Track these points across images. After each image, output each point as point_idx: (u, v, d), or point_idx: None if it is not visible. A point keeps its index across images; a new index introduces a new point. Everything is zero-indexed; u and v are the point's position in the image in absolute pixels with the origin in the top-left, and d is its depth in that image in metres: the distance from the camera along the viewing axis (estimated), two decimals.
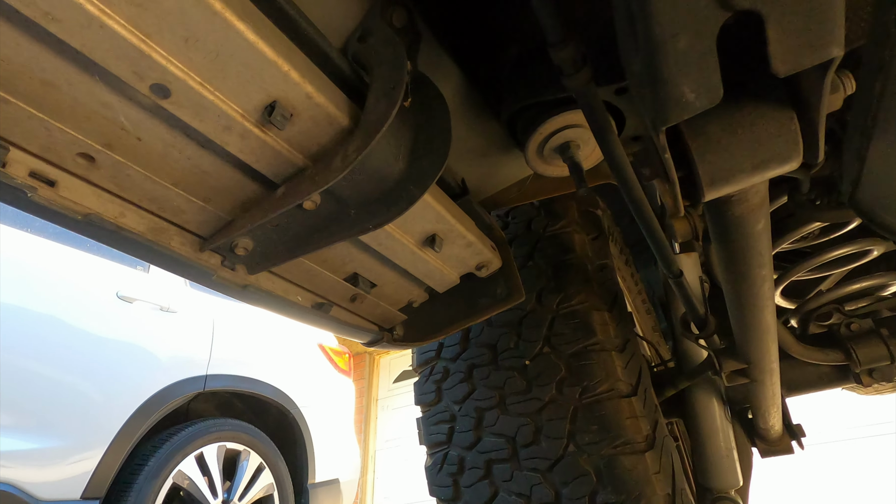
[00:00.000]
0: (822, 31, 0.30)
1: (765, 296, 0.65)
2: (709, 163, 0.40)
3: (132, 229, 0.51)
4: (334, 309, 0.72)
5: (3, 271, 2.17)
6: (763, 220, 0.51)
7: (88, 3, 0.35)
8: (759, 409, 1.07)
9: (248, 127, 0.46)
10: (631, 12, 0.34)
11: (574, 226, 1.07)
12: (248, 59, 0.42)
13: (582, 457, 0.87)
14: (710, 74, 0.33)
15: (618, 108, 0.67)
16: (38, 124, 0.42)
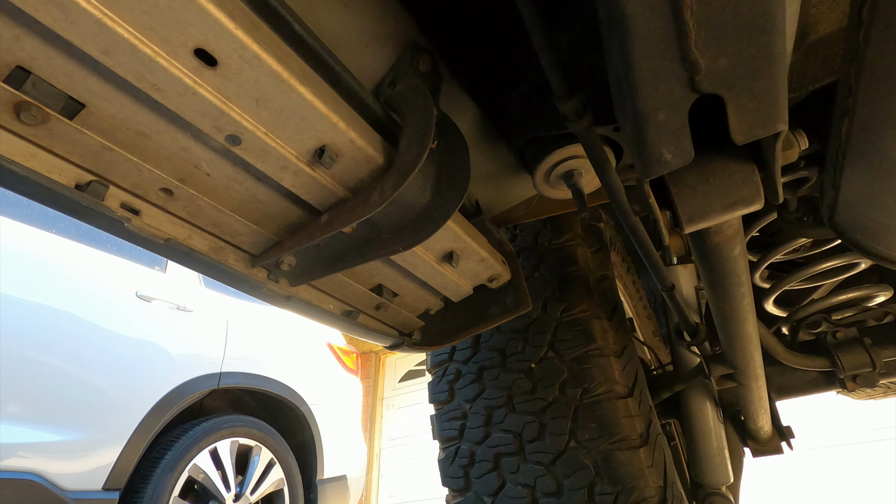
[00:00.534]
0: (769, 112, 0.39)
1: (745, 310, 0.73)
2: (687, 204, 0.48)
3: (198, 249, 0.60)
4: (361, 316, 0.81)
5: (31, 271, 2.27)
6: (738, 247, 0.59)
7: (186, 77, 0.44)
8: (749, 411, 1.14)
9: (301, 166, 0.55)
10: (622, 90, 0.43)
11: (577, 239, 1.15)
12: (305, 113, 0.50)
13: (582, 452, 0.96)
14: (684, 140, 0.42)
15: (616, 141, 0.75)
16: (132, 166, 0.51)
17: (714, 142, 0.47)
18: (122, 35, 0.39)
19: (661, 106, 0.41)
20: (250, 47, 0.43)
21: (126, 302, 2.60)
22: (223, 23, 0.41)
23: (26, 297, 2.19)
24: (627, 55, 0.39)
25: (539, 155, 0.76)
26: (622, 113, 0.45)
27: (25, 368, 2.13)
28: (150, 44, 0.41)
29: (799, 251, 1.25)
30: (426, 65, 0.68)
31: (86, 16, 0.37)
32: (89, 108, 0.46)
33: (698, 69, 0.38)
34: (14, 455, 2.04)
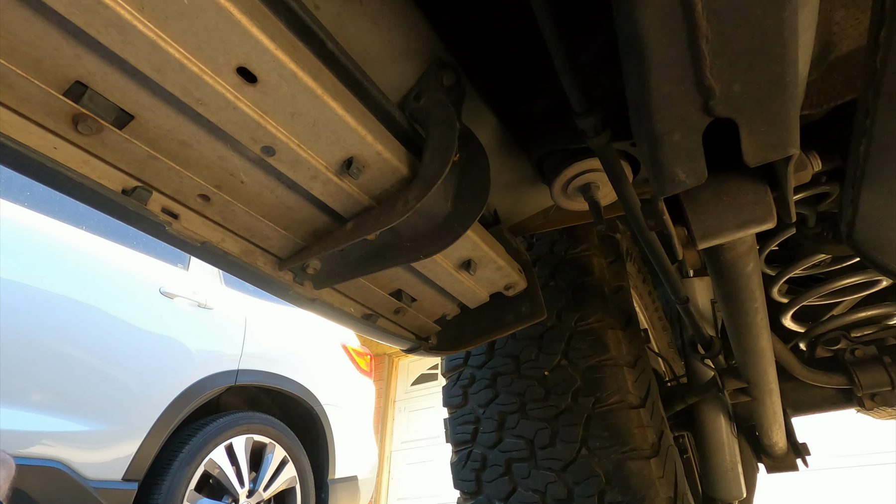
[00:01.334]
0: (781, 136, 0.40)
1: (759, 325, 0.74)
2: (700, 221, 0.50)
3: (231, 252, 0.63)
4: (380, 320, 0.83)
5: (61, 265, 2.35)
6: (752, 263, 0.60)
7: (228, 93, 0.47)
8: (763, 426, 1.14)
9: (330, 176, 0.58)
10: (639, 111, 0.44)
11: (593, 250, 1.16)
12: (336, 127, 0.53)
13: (593, 460, 0.97)
14: (698, 161, 0.43)
15: (633, 155, 0.76)
16: (174, 173, 0.55)
17: (728, 162, 0.49)
18: (173, 55, 0.42)
19: (676, 128, 0.43)
20: (288, 66, 0.46)
21: (150, 298, 2.68)
22: (264, 43, 0.44)
23: (56, 291, 2.27)
24: (644, 79, 0.41)
25: (557, 167, 0.78)
26: (639, 132, 0.47)
27: (52, 359, 2.20)
28: (197, 62, 0.44)
29: (819, 267, 1.24)
30: (450, 79, 0.70)
31: (142, 38, 0.40)
32: (138, 120, 0.49)
33: (713, 94, 0.40)
34: (39, 443, 2.11)
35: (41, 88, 0.44)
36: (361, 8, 0.61)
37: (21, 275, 2.17)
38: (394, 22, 0.65)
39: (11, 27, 0.40)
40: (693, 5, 0.36)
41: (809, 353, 1.37)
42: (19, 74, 0.42)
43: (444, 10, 0.64)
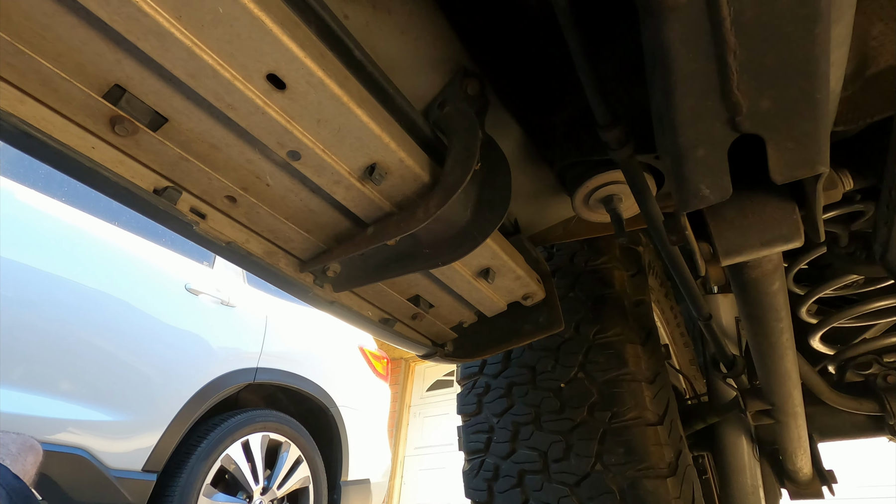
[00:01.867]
0: (809, 154, 0.39)
1: (784, 345, 0.72)
2: (724, 238, 0.49)
3: (254, 253, 0.65)
4: (398, 324, 0.84)
5: (94, 259, 2.42)
6: (778, 282, 0.59)
7: (258, 98, 0.48)
8: (787, 450, 1.10)
9: (353, 182, 0.59)
10: (663, 124, 0.44)
11: (614, 262, 1.15)
12: (360, 133, 0.54)
13: (608, 476, 0.95)
14: (722, 176, 0.43)
15: (657, 168, 0.76)
16: (203, 175, 0.57)
17: (754, 178, 0.48)
18: (207, 61, 0.44)
19: (700, 143, 0.42)
20: (316, 73, 0.48)
21: (176, 294, 2.74)
22: (294, 52, 0.45)
23: (89, 284, 2.35)
24: (670, 93, 0.41)
25: (580, 178, 0.77)
26: (663, 145, 0.47)
27: (82, 349, 2.27)
28: (230, 69, 0.45)
29: (850, 287, 1.20)
30: (474, 89, 0.71)
31: (179, 45, 0.42)
32: (171, 123, 0.51)
33: (739, 110, 0.39)
34: (65, 430, 2.17)
35: (83, 91, 0.46)
36: (390, 18, 0.62)
37: (58, 268, 2.25)
38: (421, 32, 0.66)
39: (59, 33, 0.42)
40: (721, 20, 0.36)
41: (839, 376, 1.32)
42: (64, 78, 0.45)
43: (471, 20, 0.65)
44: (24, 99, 0.45)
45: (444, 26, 0.66)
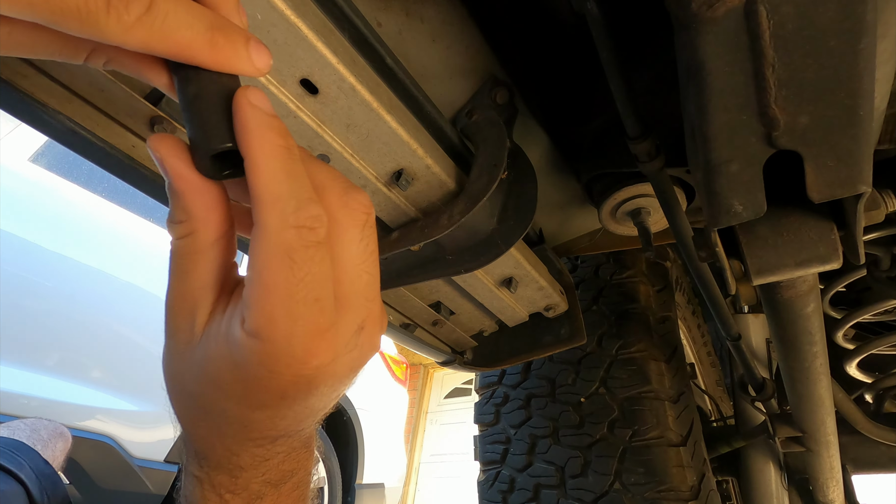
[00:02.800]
0: (850, 172, 0.38)
1: (817, 371, 0.69)
2: (757, 256, 0.48)
3: None
4: (418, 330, 0.84)
5: (128, 253, 2.51)
6: (813, 304, 0.57)
7: (290, 102, 0.49)
8: (818, 481, 1.05)
9: (379, 186, 0.59)
10: (696, 138, 0.43)
11: (640, 276, 1.13)
12: (388, 139, 0.55)
13: (626, 495, 0.93)
14: (756, 193, 0.42)
15: (688, 182, 0.74)
16: None
17: (791, 195, 0.46)
18: None
19: (734, 158, 0.41)
20: (348, 79, 0.48)
21: None
22: (328, 57, 0.46)
23: (121, 277, 2.43)
24: (703, 107, 0.40)
25: (607, 190, 0.76)
26: (694, 159, 0.46)
27: (111, 340, 2.35)
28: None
29: (892, 313, 1.15)
30: (503, 97, 0.71)
31: None
32: None
33: (776, 125, 0.38)
34: (93, 417, 2.25)
35: (126, 92, 0.48)
36: (422, 26, 0.62)
37: (95, 260, 2.34)
38: (452, 40, 0.66)
39: None
40: (760, 33, 0.35)
41: (876, 406, 1.26)
42: (109, 79, 0.46)
43: (502, 30, 0.65)
44: (72, 98, 0.48)
45: (475, 35, 0.67)
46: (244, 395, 0.29)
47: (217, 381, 0.29)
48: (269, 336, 0.26)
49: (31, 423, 1.02)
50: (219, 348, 0.28)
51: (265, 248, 0.26)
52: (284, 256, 0.26)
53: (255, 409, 0.29)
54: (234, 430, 0.31)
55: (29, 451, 0.86)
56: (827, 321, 0.79)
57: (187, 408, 0.33)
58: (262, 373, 0.27)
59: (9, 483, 0.75)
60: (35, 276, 2.13)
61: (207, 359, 0.29)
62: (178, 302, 0.31)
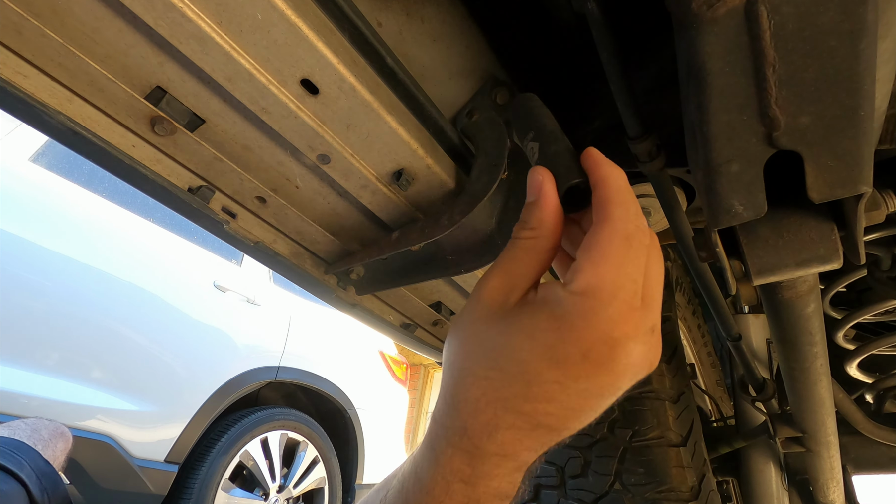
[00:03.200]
0: (851, 173, 0.38)
1: (818, 371, 0.69)
2: (757, 256, 0.48)
3: (281, 253, 0.66)
4: (418, 330, 0.84)
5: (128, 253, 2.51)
6: (813, 304, 0.57)
7: (291, 103, 0.49)
8: (818, 481, 1.05)
9: (380, 186, 0.59)
10: (696, 138, 0.43)
11: None
12: (389, 139, 0.55)
13: (626, 496, 0.93)
14: (757, 193, 0.42)
15: (688, 182, 0.74)
16: (235, 175, 0.58)
17: (791, 196, 0.46)
18: (244, 65, 0.45)
19: (734, 158, 0.41)
20: (348, 79, 0.48)
21: (204, 291, 2.81)
22: (328, 58, 0.46)
23: (122, 277, 2.43)
24: (704, 107, 0.40)
25: None
26: (694, 159, 0.46)
27: (112, 340, 2.35)
28: (265, 73, 0.47)
29: (892, 313, 1.15)
30: (503, 97, 0.71)
31: (218, 49, 0.43)
32: (208, 124, 0.53)
33: (777, 125, 0.38)
34: (94, 417, 2.24)
35: (126, 92, 0.48)
36: (423, 26, 0.62)
37: (95, 261, 2.34)
38: (453, 41, 0.66)
39: (107, 36, 0.44)
40: (761, 34, 0.35)
41: (876, 406, 1.26)
42: (110, 79, 0.47)
43: (503, 30, 0.65)
44: (73, 98, 0.48)
45: (475, 36, 0.67)
46: (552, 345, 0.32)
47: (530, 330, 0.33)
48: (595, 293, 0.32)
49: (31, 422, 1.02)
50: (537, 307, 0.34)
51: (609, 231, 0.33)
52: (624, 238, 0.33)
53: (552, 365, 0.32)
54: (513, 392, 0.34)
55: (29, 451, 0.86)
56: (827, 321, 0.79)
57: (474, 363, 0.36)
58: (578, 323, 0.32)
59: (9, 483, 0.76)
60: (35, 276, 2.13)
61: (524, 314, 0.35)
62: (502, 278, 0.37)
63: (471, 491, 0.35)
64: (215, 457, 2.65)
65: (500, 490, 0.36)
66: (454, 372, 0.37)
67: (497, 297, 0.37)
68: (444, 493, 0.35)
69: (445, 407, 0.37)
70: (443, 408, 0.37)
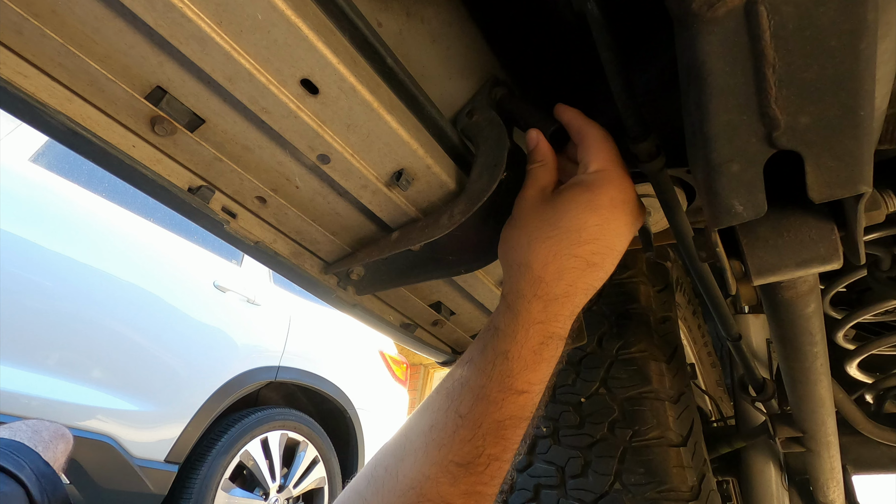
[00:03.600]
0: (851, 173, 0.38)
1: (818, 371, 0.69)
2: (757, 256, 0.48)
3: (281, 253, 0.66)
4: (418, 330, 0.84)
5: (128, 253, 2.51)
6: (813, 304, 0.57)
7: (291, 103, 0.49)
8: (818, 481, 1.05)
9: (380, 186, 0.59)
10: (696, 138, 0.43)
11: (641, 277, 1.12)
12: (389, 139, 0.55)
13: (626, 496, 0.93)
14: (757, 193, 0.42)
15: (689, 182, 0.74)
16: (235, 175, 0.58)
17: (791, 196, 0.46)
18: (244, 65, 0.45)
19: (734, 158, 0.41)
20: (348, 79, 0.48)
21: (204, 291, 2.81)
22: (328, 58, 0.46)
23: (122, 277, 2.43)
24: (704, 107, 0.40)
25: None
26: (695, 159, 0.46)
27: (112, 340, 2.35)
28: (265, 73, 0.47)
29: (892, 313, 1.15)
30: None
31: (218, 49, 0.43)
32: (208, 124, 0.53)
33: (777, 125, 0.38)
34: (94, 417, 2.25)
35: (127, 92, 0.48)
36: (423, 26, 0.62)
37: (95, 260, 2.34)
38: (453, 41, 0.66)
39: (107, 36, 0.44)
40: (760, 34, 0.35)
41: (876, 406, 1.26)
42: (110, 79, 0.47)
43: (503, 30, 0.65)
44: (73, 98, 0.48)
45: (475, 35, 0.67)
46: (589, 200, 0.51)
47: (572, 197, 0.52)
48: (606, 167, 0.54)
49: (32, 424, 1.02)
50: (571, 186, 0.54)
51: (596, 138, 0.56)
52: (606, 138, 0.56)
53: (592, 213, 0.51)
54: (570, 240, 0.51)
55: (30, 453, 0.86)
56: (827, 321, 0.79)
57: (538, 231, 0.53)
58: (602, 184, 0.52)
59: (9, 484, 0.76)
60: (35, 277, 2.13)
61: (563, 193, 0.54)
62: (534, 187, 0.57)
63: (544, 329, 0.50)
64: (215, 457, 2.65)
65: (561, 332, 0.51)
66: (522, 245, 0.53)
67: (537, 195, 0.56)
68: (525, 335, 0.49)
69: (518, 275, 0.52)
70: (515, 278, 0.53)
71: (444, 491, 0.45)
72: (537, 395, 0.50)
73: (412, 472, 0.47)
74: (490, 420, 0.47)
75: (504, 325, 0.51)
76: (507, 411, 0.48)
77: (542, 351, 0.50)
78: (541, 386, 0.50)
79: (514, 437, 0.48)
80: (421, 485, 0.45)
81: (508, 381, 0.48)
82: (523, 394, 0.49)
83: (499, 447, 0.47)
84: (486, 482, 0.47)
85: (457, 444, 0.47)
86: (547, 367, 0.51)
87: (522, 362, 0.49)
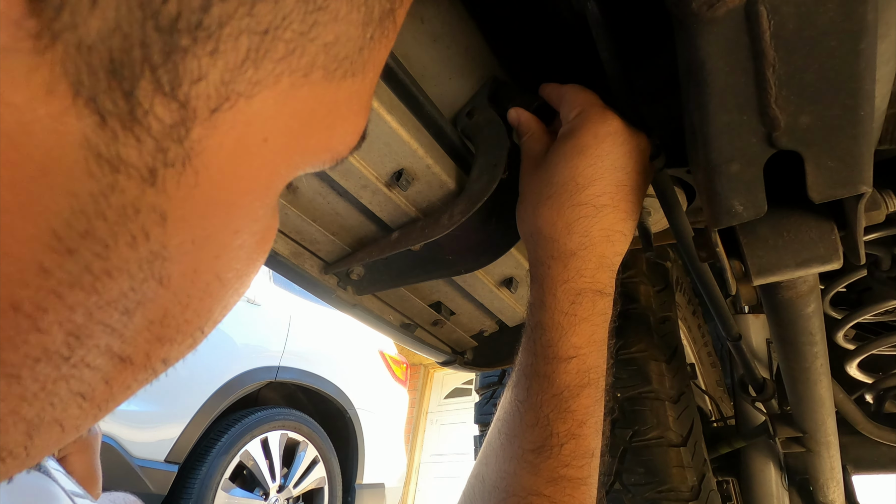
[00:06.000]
0: (851, 173, 0.38)
1: (818, 371, 0.69)
2: (757, 256, 0.48)
3: (281, 253, 0.66)
4: (418, 330, 0.84)
5: None
6: (813, 304, 0.57)
7: None
8: (818, 481, 1.05)
9: (380, 187, 0.59)
10: (696, 138, 0.43)
11: (640, 276, 1.12)
12: (389, 140, 0.55)
13: (626, 496, 0.93)
14: (757, 193, 0.42)
15: (689, 182, 0.74)
16: None
17: (791, 196, 0.46)
18: None
19: (734, 158, 0.41)
20: None
21: None
22: None
23: None
24: (704, 107, 0.40)
25: None
26: (695, 159, 0.46)
27: None
28: None
29: (892, 313, 1.15)
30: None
31: None
32: None
33: (777, 125, 0.38)
34: None
35: None
36: (423, 26, 0.62)
37: None
38: (453, 41, 0.66)
39: None
40: (761, 34, 0.35)
41: (877, 406, 1.26)
42: None
43: (503, 30, 0.65)
44: None
45: (475, 36, 0.67)
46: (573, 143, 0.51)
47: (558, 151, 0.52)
48: (583, 108, 0.53)
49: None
50: (556, 143, 0.54)
51: (571, 91, 0.56)
52: (581, 89, 0.56)
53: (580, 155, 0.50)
54: (568, 190, 0.50)
55: None
56: (827, 321, 0.79)
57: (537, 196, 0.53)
58: (583, 124, 0.51)
59: None
60: None
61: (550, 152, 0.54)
62: (528, 161, 0.58)
63: (570, 288, 0.49)
64: (215, 457, 2.65)
65: (591, 286, 0.50)
66: (529, 214, 0.54)
67: (532, 165, 0.57)
68: (553, 300, 0.49)
69: (534, 243, 0.53)
70: (532, 248, 0.53)
71: (526, 483, 0.43)
72: (589, 358, 0.48)
73: (495, 472, 0.46)
74: (547, 396, 0.46)
75: (534, 298, 0.51)
76: (562, 382, 0.46)
77: (575, 311, 0.48)
78: (589, 348, 0.48)
79: (581, 409, 0.46)
80: (505, 482, 0.44)
81: (552, 351, 0.47)
82: (572, 359, 0.47)
83: (567, 422, 0.45)
84: (568, 463, 0.44)
85: (525, 430, 0.45)
86: (589, 327, 0.48)
87: (559, 329, 0.47)
